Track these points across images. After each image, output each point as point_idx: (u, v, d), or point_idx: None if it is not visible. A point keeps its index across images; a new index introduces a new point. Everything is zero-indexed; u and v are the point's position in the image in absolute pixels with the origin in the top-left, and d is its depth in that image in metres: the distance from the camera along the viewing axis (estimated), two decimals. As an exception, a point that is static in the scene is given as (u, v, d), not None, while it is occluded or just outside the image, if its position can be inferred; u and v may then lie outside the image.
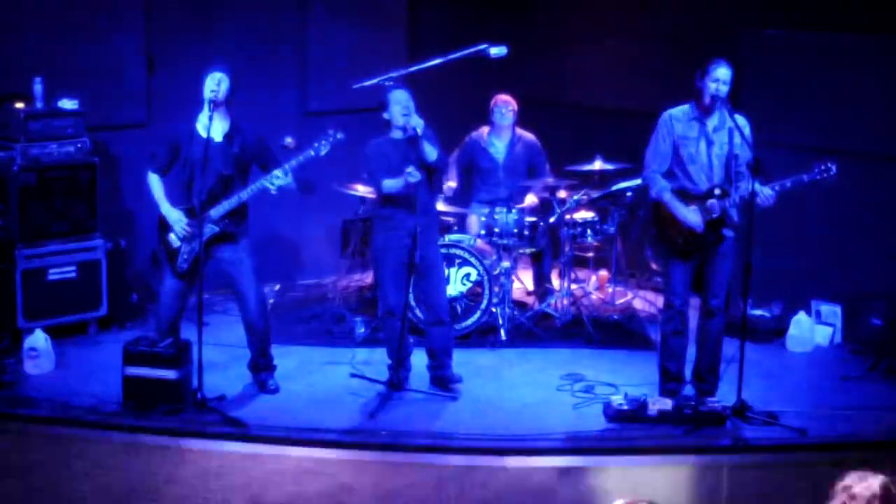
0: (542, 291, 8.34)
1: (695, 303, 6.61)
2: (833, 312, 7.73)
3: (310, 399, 6.68)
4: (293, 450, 5.98)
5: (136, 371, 6.36)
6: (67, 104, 7.51)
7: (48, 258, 7.38)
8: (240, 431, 6.13)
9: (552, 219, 8.09)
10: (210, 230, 6.44)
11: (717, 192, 6.28)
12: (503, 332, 7.69)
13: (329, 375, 7.06)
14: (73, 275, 7.47)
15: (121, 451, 5.90)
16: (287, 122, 8.23)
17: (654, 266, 8.16)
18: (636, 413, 6.30)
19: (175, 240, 6.52)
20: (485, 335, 7.69)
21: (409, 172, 6.43)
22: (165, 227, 6.54)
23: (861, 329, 7.59)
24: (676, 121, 6.37)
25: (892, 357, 7.15)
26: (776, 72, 7.86)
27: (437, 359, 6.82)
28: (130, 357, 6.38)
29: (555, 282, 8.38)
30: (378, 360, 6.97)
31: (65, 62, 7.66)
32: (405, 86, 6.78)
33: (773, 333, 7.71)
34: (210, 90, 6.36)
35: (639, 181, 7.64)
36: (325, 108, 8.59)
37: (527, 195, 8.15)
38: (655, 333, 7.43)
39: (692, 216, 6.28)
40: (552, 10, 9.43)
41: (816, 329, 7.70)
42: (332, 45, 8.87)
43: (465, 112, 8.60)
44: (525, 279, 8.58)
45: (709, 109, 6.29)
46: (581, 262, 8.64)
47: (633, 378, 6.94)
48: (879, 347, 7.27)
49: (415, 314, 7.33)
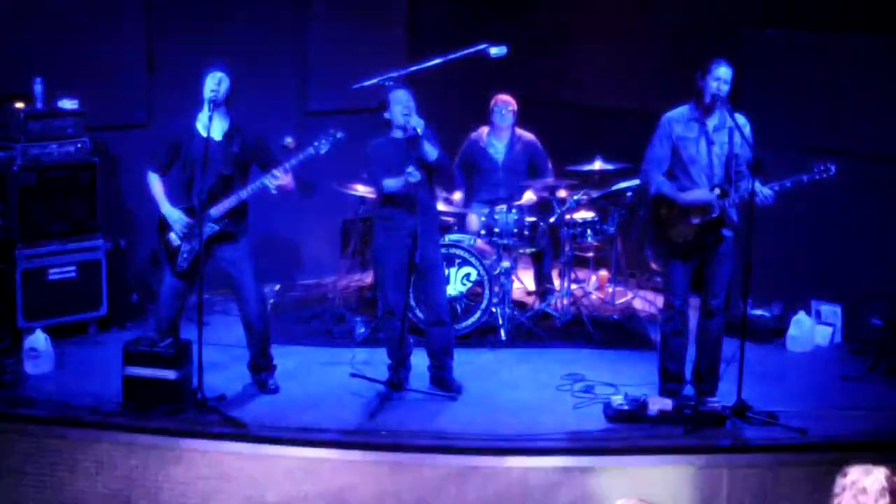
0: (542, 291, 8.34)
1: (695, 303, 6.61)
2: (833, 312, 7.73)
3: (310, 399, 6.67)
4: (293, 450, 5.97)
5: (136, 371, 6.35)
6: (67, 104, 7.51)
7: (48, 258, 7.38)
8: (240, 431, 6.12)
9: (552, 219, 8.09)
10: (210, 229, 6.44)
11: (717, 192, 6.28)
12: (503, 332, 7.69)
13: (329, 375, 7.05)
14: (73, 275, 7.46)
15: (121, 451, 5.89)
16: (287, 122, 8.23)
17: (654, 266, 8.15)
18: (636, 413, 6.30)
19: (175, 239, 6.52)
20: (485, 335, 7.69)
21: (410, 173, 6.43)
22: (165, 227, 6.54)
23: (861, 329, 7.58)
24: (675, 123, 6.37)
25: (892, 357, 7.15)
26: (776, 72, 7.86)
27: (438, 359, 6.82)
28: (130, 357, 6.37)
29: (555, 282, 8.38)
30: (378, 360, 6.97)
31: (65, 62, 7.65)
32: (406, 86, 6.78)
33: (773, 333, 7.71)
34: (210, 90, 6.37)
35: (639, 181, 7.66)
36: (325, 108, 8.59)
37: (525, 197, 8.14)
38: (655, 333, 7.42)
39: (700, 194, 6.26)
40: (552, 10, 9.43)
41: (816, 329, 7.70)
42: (332, 45, 8.87)
43: (465, 112, 8.61)
44: (525, 279, 8.58)
45: (709, 109, 6.29)
46: (581, 262, 8.64)
47: (633, 378, 6.94)
48: (879, 347, 7.27)
49: (415, 314, 7.33)
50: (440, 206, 7.57)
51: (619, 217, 8.22)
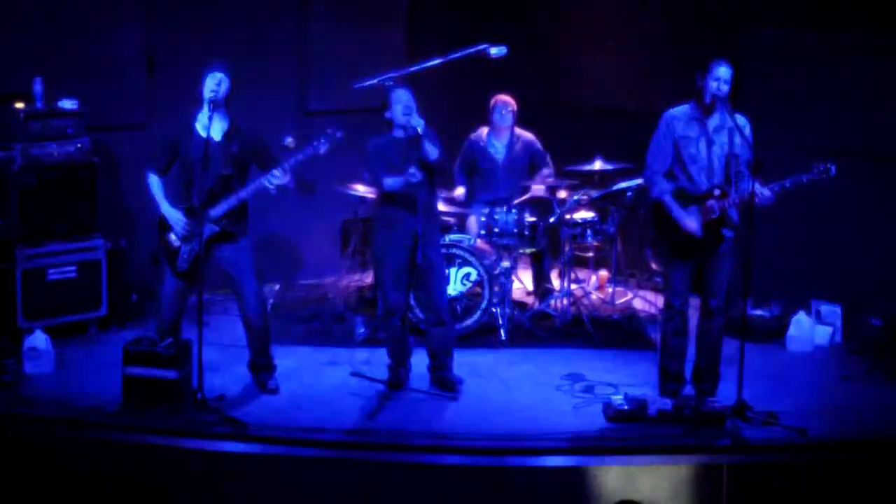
0: (542, 291, 8.34)
1: (695, 303, 6.61)
2: (833, 312, 7.73)
3: (310, 399, 6.67)
4: (293, 450, 5.97)
5: (136, 371, 6.35)
6: (67, 104, 7.51)
7: (48, 258, 7.38)
8: (240, 431, 6.13)
9: (552, 219, 8.09)
10: (210, 230, 6.44)
11: (717, 193, 6.28)
12: (503, 332, 7.69)
13: (329, 375, 7.05)
14: (73, 275, 7.46)
15: (121, 451, 5.89)
16: (287, 122, 8.23)
17: (654, 266, 8.16)
18: (636, 413, 6.30)
19: (175, 240, 6.52)
20: (485, 335, 7.69)
21: (412, 174, 6.43)
22: (165, 227, 6.54)
23: (861, 329, 7.58)
24: (677, 120, 6.38)
25: (892, 357, 7.15)
26: (776, 72, 7.86)
27: (438, 359, 6.82)
28: (130, 357, 6.37)
29: (555, 282, 8.38)
30: (378, 360, 6.97)
31: (65, 62, 7.65)
32: (406, 86, 6.78)
33: (773, 333, 7.71)
34: (210, 90, 6.37)
35: (639, 181, 7.66)
36: (325, 108, 8.59)
37: (531, 190, 8.13)
38: (655, 333, 7.43)
39: (690, 223, 6.28)
40: (552, 10, 9.43)
41: (816, 329, 7.69)
42: (332, 45, 8.87)
43: (465, 112, 8.60)
44: (525, 279, 8.58)
45: (710, 109, 6.29)
46: (581, 262, 8.64)
47: (633, 378, 6.94)
48: (879, 347, 7.27)
49: (415, 314, 7.33)
50: (440, 206, 7.57)
51: (619, 217, 8.23)
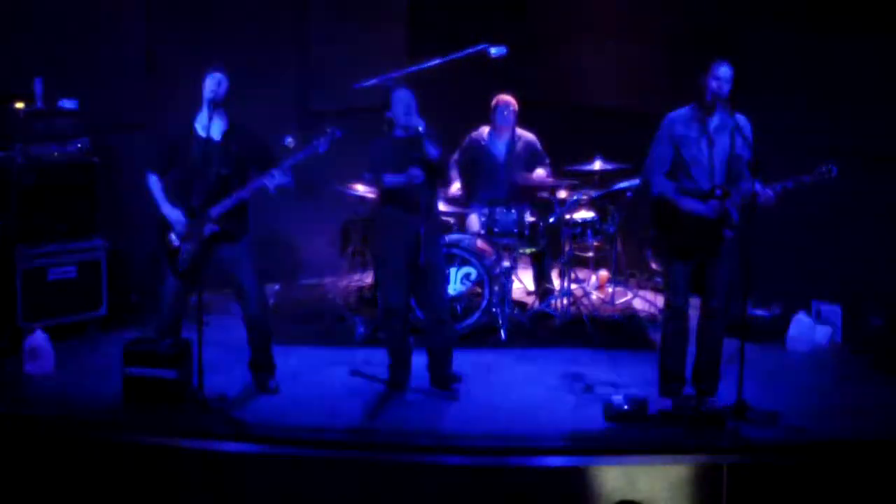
0: (542, 291, 8.35)
1: (695, 303, 6.61)
2: (833, 312, 7.73)
3: (310, 399, 6.67)
4: (293, 450, 5.97)
5: (137, 371, 6.35)
6: (67, 104, 7.51)
7: (48, 258, 7.38)
8: (240, 431, 6.13)
9: (552, 219, 8.09)
10: (209, 229, 6.44)
11: (718, 193, 6.28)
12: (503, 332, 7.69)
13: (329, 375, 7.06)
14: (73, 275, 7.47)
15: (121, 451, 5.89)
16: (287, 122, 8.23)
17: (654, 266, 8.16)
18: (636, 413, 6.30)
19: (175, 239, 6.52)
20: (485, 335, 7.69)
21: (414, 175, 6.44)
22: (165, 227, 6.54)
23: (861, 329, 7.58)
24: (677, 123, 6.38)
25: (893, 357, 7.15)
26: (776, 72, 7.86)
27: (438, 359, 6.82)
28: (130, 357, 6.38)
29: (555, 282, 8.38)
30: (378, 360, 6.97)
31: (65, 62, 7.66)
32: (407, 86, 6.78)
33: (773, 333, 7.71)
34: (210, 90, 6.37)
35: (639, 181, 7.66)
36: (326, 108, 8.59)
37: (531, 185, 8.13)
38: (655, 333, 7.42)
39: (700, 204, 6.26)
40: (552, 10, 9.43)
41: (816, 329, 7.69)
42: (332, 45, 8.87)
43: (465, 112, 8.60)
44: (525, 279, 8.58)
45: (710, 109, 6.30)
46: (581, 262, 8.64)
47: (633, 378, 6.94)
48: (879, 347, 7.27)
49: (415, 314, 7.33)
50: (441, 206, 7.57)
51: (619, 217, 8.23)
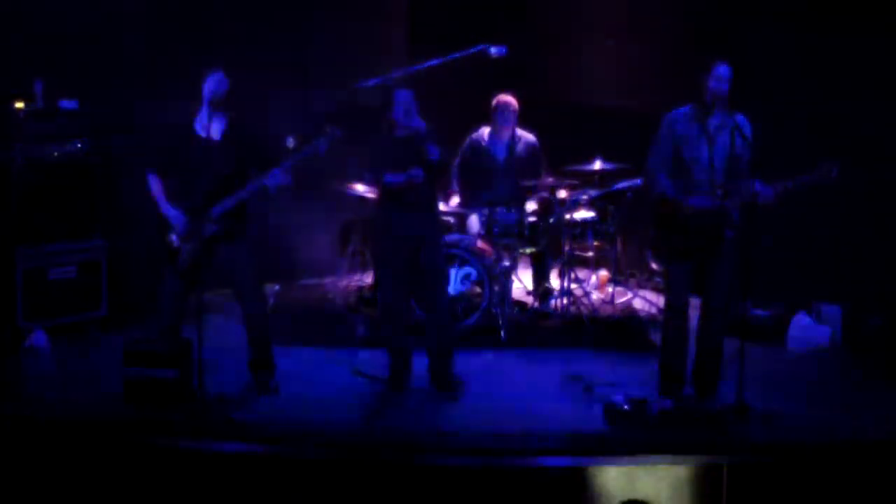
0: (542, 291, 8.35)
1: (695, 303, 6.61)
2: (833, 312, 7.73)
3: (310, 399, 6.67)
4: (293, 450, 5.97)
5: (137, 371, 6.35)
6: (67, 104, 7.51)
7: (48, 258, 7.38)
8: (240, 431, 6.13)
9: (552, 219, 8.09)
10: (210, 230, 6.44)
11: (719, 193, 6.28)
12: (503, 333, 7.69)
13: (329, 375, 7.06)
14: (73, 275, 7.47)
15: (121, 451, 5.88)
16: (287, 122, 8.22)
17: (654, 266, 8.16)
18: (636, 413, 6.30)
19: (175, 239, 6.52)
20: (485, 335, 7.69)
21: (415, 175, 6.44)
22: (166, 227, 6.54)
23: (861, 329, 7.58)
24: (677, 122, 6.38)
25: (893, 357, 7.15)
26: (776, 72, 7.86)
27: (438, 359, 6.82)
28: (130, 357, 6.38)
29: (555, 282, 8.38)
30: (378, 361, 6.97)
31: (65, 62, 7.66)
32: (407, 86, 6.78)
33: (773, 333, 7.71)
34: (210, 90, 6.37)
35: (639, 181, 7.66)
36: (326, 108, 8.59)
37: (528, 200, 8.12)
38: (655, 333, 7.42)
39: (702, 200, 6.27)
40: (552, 10, 9.44)
41: (816, 329, 7.70)
42: (333, 45, 8.87)
43: (465, 112, 8.61)
44: (525, 279, 8.58)
45: (711, 108, 6.30)
46: (581, 262, 8.65)
47: (633, 378, 6.94)
48: (879, 347, 7.27)
49: (415, 314, 7.33)
50: (440, 206, 7.57)
51: (619, 217, 8.23)
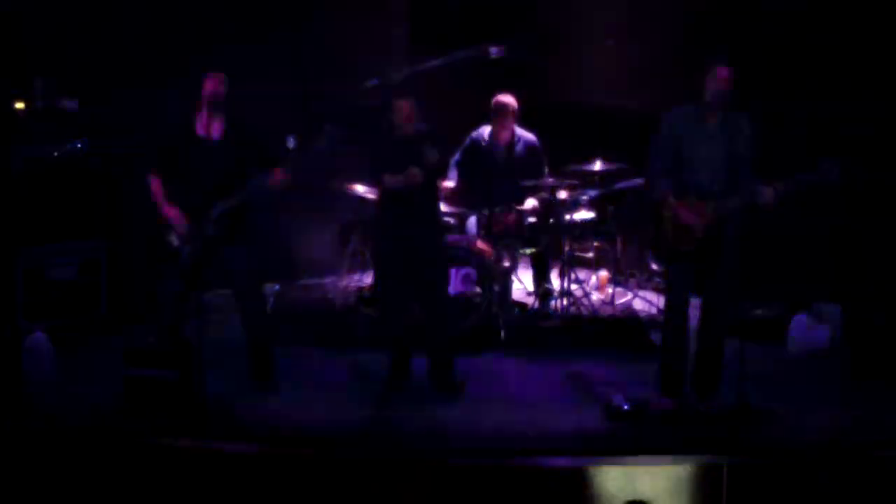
0: (542, 291, 8.35)
1: (695, 303, 6.61)
2: (833, 312, 7.73)
3: (310, 399, 6.67)
4: (294, 450, 5.97)
5: (137, 372, 6.35)
6: (67, 104, 7.51)
7: (48, 258, 7.38)
8: (240, 431, 6.13)
9: (552, 219, 8.09)
10: (210, 230, 6.44)
11: (719, 192, 6.28)
12: (503, 333, 7.68)
13: (329, 375, 7.06)
14: (73, 275, 7.47)
15: (121, 452, 5.89)
16: (287, 122, 8.21)
17: (654, 266, 8.17)
18: (636, 413, 6.30)
19: (175, 240, 6.52)
20: (485, 336, 7.69)
21: (414, 175, 6.44)
22: (166, 228, 6.54)
23: (861, 329, 7.59)
24: (678, 120, 6.37)
25: (892, 357, 7.15)
26: (776, 72, 7.86)
27: (438, 359, 6.81)
28: (130, 357, 6.38)
29: (555, 282, 8.38)
30: (378, 361, 6.97)
31: (65, 62, 7.66)
32: (407, 86, 6.78)
33: (773, 333, 7.71)
34: (210, 91, 6.38)
35: (639, 181, 7.66)
36: (326, 108, 8.58)
37: (527, 198, 8.13)
38: (655, 334, 7.42)
39: (693, 218, 6.28)
40: (552, 11, 9.44)
41: (816, 329, 7.69)
42: (333, 45, 8.87)
43: (465, 112, 8.61)
44: (525, 280, 8.58)
45: (711, 108, 6.30)
46: (581, 263, 8.64)
47: (633, 378, 6.94)
48: (879, 347, 7.27)
49: (415, 314, 7.32)
50: (441, 207, 7.56)
51: (619, 217, 8.23)
